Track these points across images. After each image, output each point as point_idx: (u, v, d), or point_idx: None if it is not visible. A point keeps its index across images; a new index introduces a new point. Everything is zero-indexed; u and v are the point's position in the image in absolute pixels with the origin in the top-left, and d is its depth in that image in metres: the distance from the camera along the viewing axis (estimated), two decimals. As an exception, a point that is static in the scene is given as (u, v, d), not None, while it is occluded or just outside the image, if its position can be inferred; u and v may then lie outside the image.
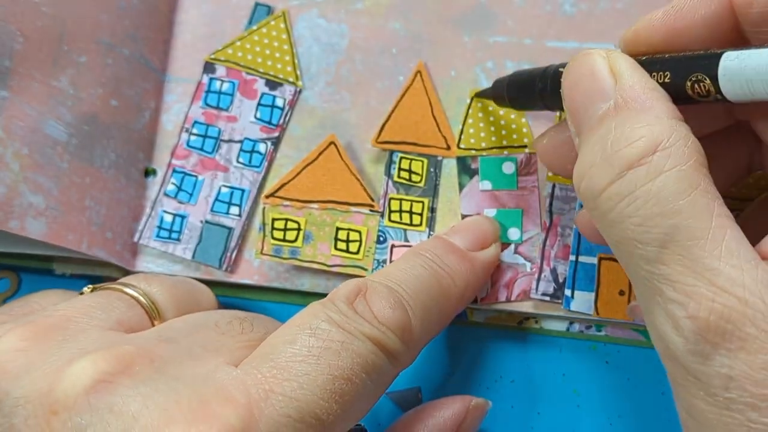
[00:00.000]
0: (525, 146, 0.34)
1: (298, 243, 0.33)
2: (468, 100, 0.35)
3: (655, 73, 0.23)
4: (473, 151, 0.34)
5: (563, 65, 0.26)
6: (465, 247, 0.30)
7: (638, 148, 0.20)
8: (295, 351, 0.23)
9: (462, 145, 0.34)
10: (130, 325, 0.26)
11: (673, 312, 0.19)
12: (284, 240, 0.34)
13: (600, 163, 0.21)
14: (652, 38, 0.24)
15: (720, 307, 0.18)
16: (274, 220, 0.34)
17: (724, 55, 0.21)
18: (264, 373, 0.22)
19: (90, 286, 0.29)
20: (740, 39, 0.23)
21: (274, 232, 0.34)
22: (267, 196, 0.34)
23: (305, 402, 0.22)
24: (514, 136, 0.34)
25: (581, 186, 0.22)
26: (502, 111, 0.34)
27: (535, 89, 0.28)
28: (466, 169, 0.34)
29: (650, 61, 0.23)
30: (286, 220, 0.34)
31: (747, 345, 0.18)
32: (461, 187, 0.34)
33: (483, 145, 0.34)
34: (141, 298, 0.27)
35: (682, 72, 0.22)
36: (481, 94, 0.34)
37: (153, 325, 0.27)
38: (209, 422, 0.20)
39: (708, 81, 0.21)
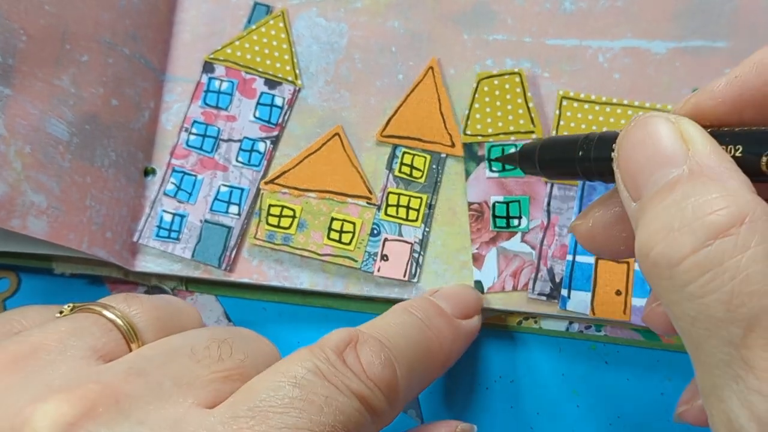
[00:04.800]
0: (532, 132, 0.35)
1: (292, 230, 0.35)
2: (474, 85, 0.36)
3: (724, 147, 0.22)
4: (480, 138, 0.36)
5: (607, 133, 0.25)
6: (451, 313, 0.31)
7: (724, 217, 0.19)
8: (277, 401, 0.23)
9: (468, 132, 0.36)
10: (105, 351, 0.26)
11: (753, 402, 0.18)
12: (278, 226, 0.35)
13: (679, 228, 0.20)
14: (716, 110, 0.23)
15: None
16: (270, 206, 0.35)
17: None
18: (240, 423, 0.22)
19: (70, 304, 0.29)
20: None
21: (270, 218, 0.35)
22: (266, 183, 0.36)
23: None
24: (521, 122, 0.36)
25: (653, 252, 0.21)
26: (508, 96, 0.36)
27: (575, 156, 0.26)
28: (472, 156, 0.36)
29: (719, 133, 0.22)
30: (282, 207, 0.35)
31: None
32: (468, 174, 0.36)
33: (489, 131, 0.36)
34: (119, 321, 0.28)
35: (756, 147, 0.21)
36: (505, 158, 0.33)
37: (130, 349, 0.27)
38: None
39: None
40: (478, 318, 0.33)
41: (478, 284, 0.34)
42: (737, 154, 0.22)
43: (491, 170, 0.35)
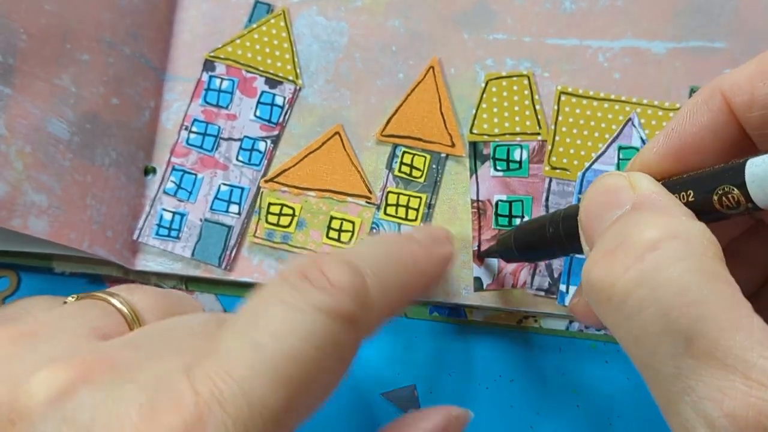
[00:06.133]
0: (538, 133, 0.36)
1: (291, 229, 0.36)
2: (483, 85, 0.37)
3: (676, 194, 0.23)
4: (486, 137, 0.36)
5: (571, 207, 0.27)
6: (421, 239, 0.31)
7: (654, 234, 0.20)
8: (236, 340, 0.23)
9: (475, 131, 0.36)
10: (105, 332, 0.27)
11: (706, 411, 0.19)
12: (278, 225, 0.36)
13: (615, 249, 0.21)
14: (662, 165, 0.25)
15: (759, 402, 0.18)
16: (270, 204, 0.36)
17: (749, 162, 0.21)
18: (208, 370, 0.22)
19: (75, 295, 0.30)
20: (750, 142, 0.24)
21: (269, 216, 0.36)
22: (266, 181, 0.36)
23: (251, 394, 0.22)
24: (528, 123, 0.36)
25: (593, 275, 0.22)
26: (516, 97, 0.36)
27: (546, 234, 0.28)
28: (478, 155, 0.36)
29: (670, 183, 0.24)
30: (282, 205, 0.36)
31: None
32: (472, 172, 0.36)
33: (496, 131, 0.36)
34: (121, 307, 0.28)
35: (706, 187, 0.22)
36: (485, 254, 0.34)
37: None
38: (155, 430, 0.21)
39: (736, 191, 0.21)
40: (449, 246, 0.32)
41: (478, 281, 0.35)
42: (690, 199, 0.23)
43: (496, 169, 0.36)
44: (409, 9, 0.38)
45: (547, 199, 0.35)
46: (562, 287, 0.34)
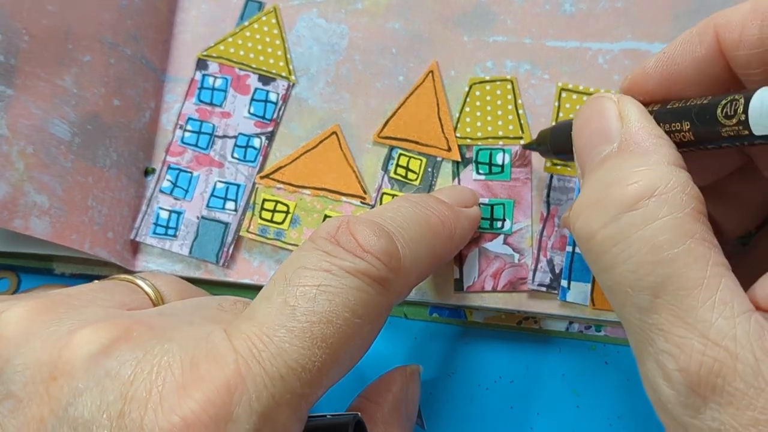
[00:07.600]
0: (521, 137, 0.36)
1: (285, 226, 0.36)
2: (466, 89, 0.37)
3: (668, 124, 0.23)
4: (468, 140, 0.36)
5: None
6: (449, 202, 0.32)
7: (634, 191, 0.21)
8: (272, 304, 0.24)
9: (458, 134, 0.36)
10: (132, 307, 0.28)
11: (663, 363, 0.20)
12: (271, 221, 0.36)
13: (595, 204, 0.22)
14: (647, 85, 0.25)
15: (710, 361, 0.19)
16: (264, 200, 0.36)
17: (759, 91, 0.21)
18: (246, 331, 0.23)
19: (98, 281, 0.31)
20: (733, 81, 0.24)
21: (263, 212, 0.36)
22: (262, 177, 0.37)
23: (287, 354, 0.23)
24: (511, 127, 0.36)
25: (576, 225, 0.23)
26: (499, 101, 0.36)
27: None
28: (461, 158, 0.36)
29: (661, 112, 0.24)
30: (276, 202, 0.36)
31: (735, 400, 0.19)
32: (455, 175, 0.36)
33: (479, 134, 0.36)
34: (146, 287, 0.30)
35: (706, 109, 0.23)
36: (527, 146, 0.35)
37: None
38: (197, 384, 0.22)
39: (742, 100, 0.21)
40: (477, 207, 0.33)
41: (458, 283, 0.35)
42: (685, 127, 0.23)
43: (478, 173, 0.36)
44: (409, 11, 0.38)
45: (548, 196, 0.35)
46: (564, 283, 0.34)
